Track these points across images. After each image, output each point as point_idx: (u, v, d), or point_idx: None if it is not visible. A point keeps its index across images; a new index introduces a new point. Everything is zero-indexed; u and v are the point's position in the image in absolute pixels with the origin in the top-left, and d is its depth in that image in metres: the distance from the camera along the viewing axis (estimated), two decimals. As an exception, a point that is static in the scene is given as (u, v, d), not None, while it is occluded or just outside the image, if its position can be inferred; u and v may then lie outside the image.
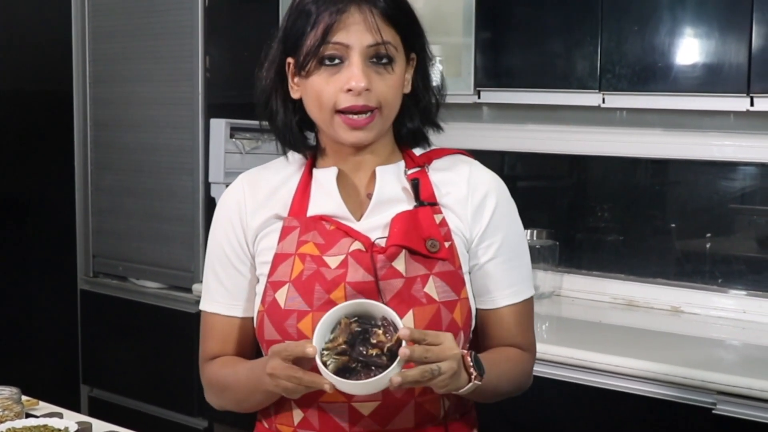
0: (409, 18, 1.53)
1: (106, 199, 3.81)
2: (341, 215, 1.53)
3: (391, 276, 1.47)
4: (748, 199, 3.02)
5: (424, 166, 1.59)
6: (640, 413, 2.42)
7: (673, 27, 2.75)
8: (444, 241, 1.52)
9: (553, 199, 3.38)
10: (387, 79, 1.48)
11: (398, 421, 1.48)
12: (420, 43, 1.56)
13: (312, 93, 1.49)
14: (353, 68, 1.45)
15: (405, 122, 1.58)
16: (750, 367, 2.41)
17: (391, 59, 1.48)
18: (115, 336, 3.80)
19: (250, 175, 1.63)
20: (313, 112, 1.52)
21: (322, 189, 1.55)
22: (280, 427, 1.55)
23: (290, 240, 1.53)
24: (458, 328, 1.50)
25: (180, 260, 3.54)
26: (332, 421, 1.48)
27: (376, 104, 1.47)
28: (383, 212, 1.53)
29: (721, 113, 2.92)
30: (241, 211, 1.58)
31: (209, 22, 3.42)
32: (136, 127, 3.66)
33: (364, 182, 1.57)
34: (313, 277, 1.47)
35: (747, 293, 2.95)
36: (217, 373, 1.60)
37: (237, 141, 3.41)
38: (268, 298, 1.51)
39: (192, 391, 3.45)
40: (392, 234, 1.50)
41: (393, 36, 1.49)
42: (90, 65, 3.81)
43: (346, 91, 1.45)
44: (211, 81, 3.44)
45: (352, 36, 1.45)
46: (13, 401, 1.79)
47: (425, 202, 1.54)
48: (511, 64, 3.10)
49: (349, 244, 1.49)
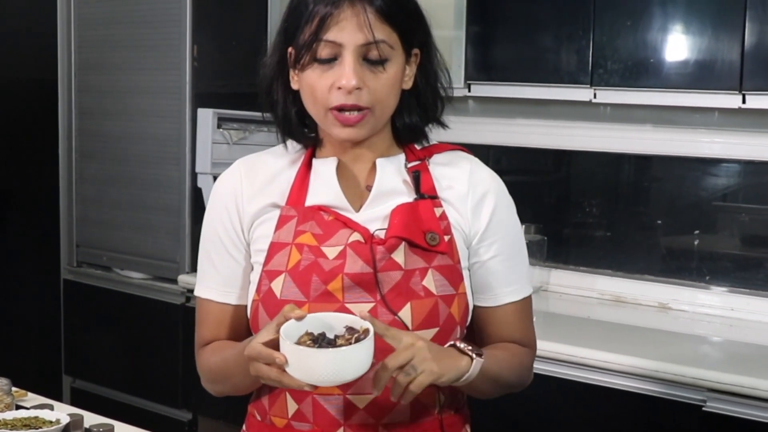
0: (409, 14, 1.50)
1: (91, 188, 3.78)
2: (340, 206, 1.52)
3: (390, 268, 1.46)
4: (736, 197, 3.02)
5: (424, 159, 1.57)
6: (629, 410, 2.43)
7: (666, 23, 2.75)
8: (444, 235, 1.51)
9: (541, 195, 3.38)
10: (381, 78, 1.46)
11: (394, 414, 1.47)
12: (422, 38, 1.54)
13: (306, 87, 1.48)
14: (345, 67, 1.43)
15: (403, 117, 1.56)
16: (739, 365, 2.42)
17: (384, 59, 1.46)
18: (98, 327, 3.77)
19: (247, 160, 1.61)
20: (308, 106, 1.51)
21: (321, 179, 1.54)
22: (274, 419, 1.53)
23: (287, 229, 1.51)
24: (455, 323, 1.50)
25: (165, 251, 3.51)
26: (327, 413, 1.47)
27: (367, 104, 1.45)
28: (383, 204, 1.52)
29: (711, 110, 2.92)
30: (237, 196, 1.56)
31: (197, 10, 3.39)
32: (122, 116, 3.62)
33: (364, 174, 1.56)
34: (310, 268, 1.46)
35: (734, 290, 2.96)
36: (208, 360, 1.60)
37: (224, 131, 3.39)
38: (263, 288, 1.49)
39: (176, 383, 3.44)
40: (392, 225, 1.49)
41: (389, 34, 1.46)
42: (75, 53, 3.77)
43: (337, 89, 1.44)
44: (198, 70, 3.41)
45: (345, 34, 1.43)
46: (4, 392, 1.77)
47: (426, 195, 1.53)
48: (503, 58, 3.10)
49: (347, 235, 1.48)
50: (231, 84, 3.53)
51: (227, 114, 3.41)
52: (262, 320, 1.48)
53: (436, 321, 1.47)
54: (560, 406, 2.55)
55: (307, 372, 1.28)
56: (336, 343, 1.31)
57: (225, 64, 3.51)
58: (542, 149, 3.31)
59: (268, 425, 1.54)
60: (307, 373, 1.28)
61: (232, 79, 3.55)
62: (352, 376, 1.30)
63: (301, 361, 1.28)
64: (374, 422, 1.47)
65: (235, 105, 3.44)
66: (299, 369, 1.28)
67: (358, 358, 1.29)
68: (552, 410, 2.56)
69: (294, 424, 1.50)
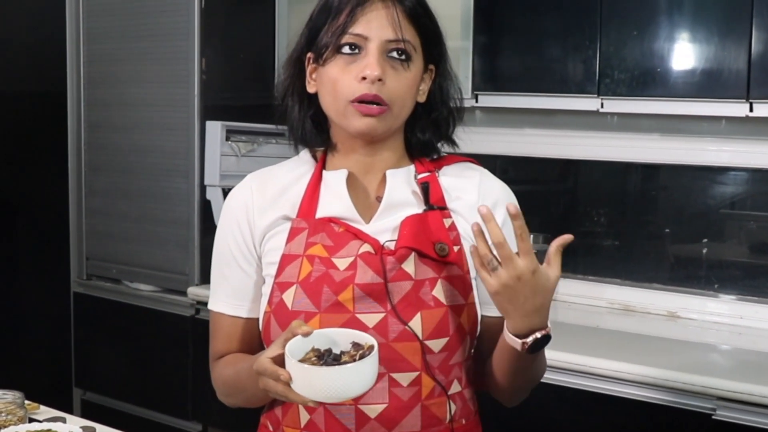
0: (433, 24, 1.55)
1: (100, 201, 3.79)
2: (350, 217, 1.53)
3: (400, 278, 1.47)
4: (744, 205, 3.02)
5: (434, 170, 1.59)
6: (639, 419, 2.42)
7: (672, 32, 2.75)
8: (453, 245, 1.52)
9: (549, 204, 3.38)
10: (401, 75, 1.49)
11: (405, 424, 1.48)
12: (439, 52, 1.58)
13: (327, 81, 1.50)
14: (369, 57, 1.46)
15: (416, 132, 1.59)
16: (749, 373, 2.41)
17: (408, 57, 1.49)
18: (108, 339, 3.78)
19: (258, 174, 1.63)
20: (326, 102, 1.52)
21: (331, 191, 1.55)
22: (286, 429, 1.54)
23: (298, 241, 1.52)
24: (465, 333, 1.51)
25: (174, 263, 3.52)
26: (339, 423, 1.47)
27: (387, 99, 1.48)
28: (392, 215, 1.53)
29: (718, 118, 2.92)
30: (248, 211, 1.58)
31: (205, 23, 3.40)
32: (131, 129, 3.64)
33: (374, 185, 1.57)
34: (321, 279, 1.47)
35: (743, 298, 2.95)
36: (222, 373, 1.61)
37: (232, 143, 3.40)
38: (275, 299, 1.50)
39: (186, 395, 3.44)
40: (402, 236, 1.50)
41: (413, 36, 1.51)
42: (84, 66, 3.79)
43: (361, 80, 1.46)
44: (206, 83, 3.42)
45: (373, 28, 1.47)
46: (17, 405, 1.77)
47: (435, 206, 1.54)
48: (510, 68, 3.10)
49: (358, 246, 1.49)
50: (239, 96, 3.55)
51: (235, 126, 3.42)
52: (274, 332, 1.49)
53: (446, 331, 1.48)
54: (570, 416, 2.54)
55: (310, 389, 1.29)
56: (341, 359, 1.31)
57: (233, 77, 3.53)
58: (550, 159, 3.32)
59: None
60: (311, 390, 1.29)
61: (240, 91, 3.56)
62: (355, 393, 1.30)
63: (305, 378, 1.29)
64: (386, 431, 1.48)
65: (243, 117, 3.45)
66: (303, 386, 1.29)
67: (361, 376, 1.29)
68: (561, 420, 2.56)
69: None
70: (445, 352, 1.48)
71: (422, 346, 1.46)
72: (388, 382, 1.45)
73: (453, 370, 1.52)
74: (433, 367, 1.48)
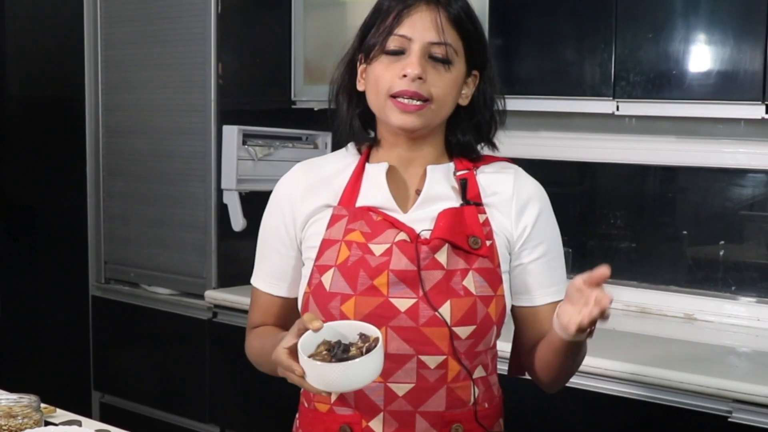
0: (476, 30, 1.63)
1: (118, 205, 3.82)
2: (389, 207, 1.62)
3: (433, 267, 1.55)
4: (761, 206, 3.01)
5: (472, 169, 1.67)
6: (655, 421, 2.42)
7: (687, 34, 2.75)
8: (486, 240, 1.60)
9: (566, 207, 3.37)
10: (442, 75, 1.58)
11: (431, 403, 1.57)
12: (483, 58, 1.66)
13: (372, 79, 1.60)
14: (411, 57, 1.56)
15: (457, 134, 1.68)
16: (765, 375, 2.40)
17: (449, 61, 1.58)
18: (126, 342, 3.80)
19: (306, 164, 1.74)
20: (371, 98, 1.62)
21: (372, 182, 1.64)
22: (317, 405, 1.63)
23: (338, 227, 1.61)
24: (492, 322, 1.59)
25: (192, 267, 3.54)
26: (368, 399, 1.57)
27: (427, 95, 1.56)
28: (429, 207, 1.62)
29: (734, 120, 2.91)
30: (292, 200, 1.69)
31: (222, 28, 3.42)
32: (148, 134, 3.66)
33: (415, 180, 1.66)
34: (358, 263, 1.56)
35: (761, 300, 2.94)
36: (252, 344, 1.75)
37: (249, 148, 3.42)
38: (314, 281, 1.60)
39: (204, 398, 3.45)
40: (437, 227, 1.58)
41: (456, 40, 1.59)
42: (102, 72, 3.82)
43: (402, 77, 1.55)
44: (223, 88, 3.44)
45: (417, 30, 1.56)
46: (33, 409, 1.78)
47: (471, 201, 1.63)
48: (525, 71, 3.10)
49: (394, 234, 1.58)
50: (255, 101, 3.57)
51: (252, 131, 3.44)
52: (312, 311, 1.59)
53: (474, 319, 1.56)
54: (585, 418, 2.54)
55: (322, 382, 1.40)
56: (350, 351, 1.41)
57: (249, 81, 3.54)
58: (566, 162, 3.32)
59: (312, 410, 1.65)
60: (323, 383, 1.41)
61: (257, 96, 3.58)
62: (362, 383, 1.42)
63: (317, 373, 1.40)
64: (412, 409, 1.57)
65: (260, 121, 3.47)
66: (315, 379, 1.40)
67: (368, 368, 1.40)
68: (578, 422, 2.55)
69: (336, 409, 1.61)
70: (471, 338, 1.57)
71: (450, 332, 1.55)
72: (416, 363, 1.55)
73: (479, 356, 1.60)
74: (459, 352, 1.56)
